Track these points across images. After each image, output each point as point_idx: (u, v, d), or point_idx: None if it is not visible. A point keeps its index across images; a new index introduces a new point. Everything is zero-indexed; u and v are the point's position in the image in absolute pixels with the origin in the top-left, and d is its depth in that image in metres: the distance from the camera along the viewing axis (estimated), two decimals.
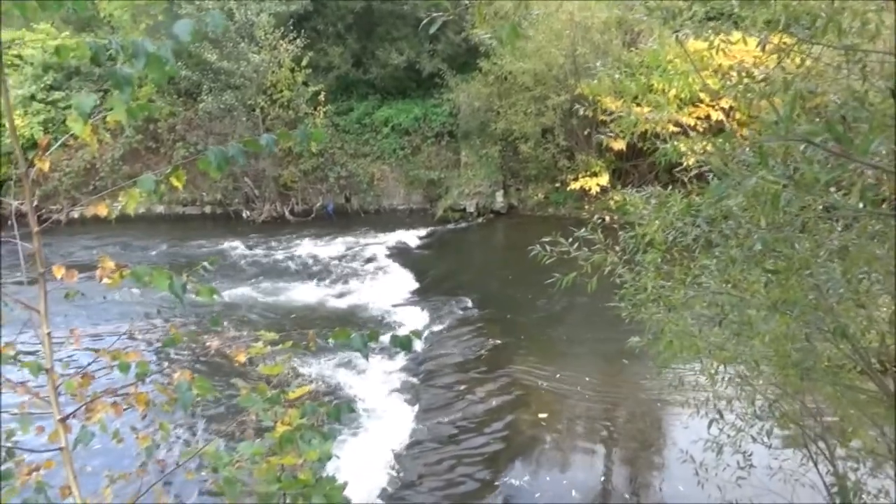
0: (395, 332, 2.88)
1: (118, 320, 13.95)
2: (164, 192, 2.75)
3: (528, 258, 5.76)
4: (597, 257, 5.23)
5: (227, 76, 21.39)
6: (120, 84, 2.36)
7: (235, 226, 21.90)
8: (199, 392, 2.67)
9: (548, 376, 11.21)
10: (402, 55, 22.84)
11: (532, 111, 20.77)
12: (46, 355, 2.74)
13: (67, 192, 21.70)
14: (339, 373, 11.32)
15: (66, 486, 2.92)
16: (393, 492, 8.29)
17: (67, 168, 21.95)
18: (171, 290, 2.61)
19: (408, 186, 23.13)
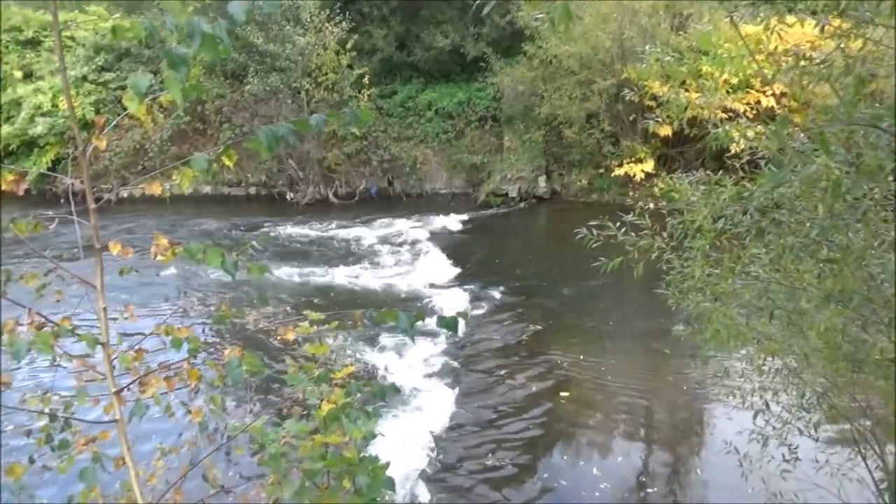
0: (440, 314, 2.88)
1: (170, 297, 14.25)
2: (216, 172, 2.79)
3: (571, 244, 5.72)
4: (644, 242, 5.15)
5: (273, 59, 21.57)
6: (175, 64, 2.38)
7: (280, 207, 22.15)
8: (248, 368, 2.71)
9: (589, 363, 11.15)
10: (447, 38, 22.74)
11: (577, 96, 20.55)
12: (102, 330, 2.80)
13: (117, 171, 22.17)
14: (379, 354, 11.40)
15: (120, 458, 3.00)
16: (432, 473, 8.34)
17: (118, 148, 22.40)
18: (223, 267, 2.65)
19: (450, 170, 23.11)
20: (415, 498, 7.75)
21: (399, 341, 11.77)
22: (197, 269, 15.07)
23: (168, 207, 19.59)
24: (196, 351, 2.78)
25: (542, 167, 22.12)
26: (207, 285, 14.73)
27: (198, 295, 14.29)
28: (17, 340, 2.33)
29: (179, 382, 2.90)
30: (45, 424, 3.08)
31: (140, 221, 19.12)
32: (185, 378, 2.85)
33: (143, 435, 6.03)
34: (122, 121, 2.91)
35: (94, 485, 2.76)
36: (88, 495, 3.15)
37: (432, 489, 8.03)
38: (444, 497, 8.00)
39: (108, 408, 2.96)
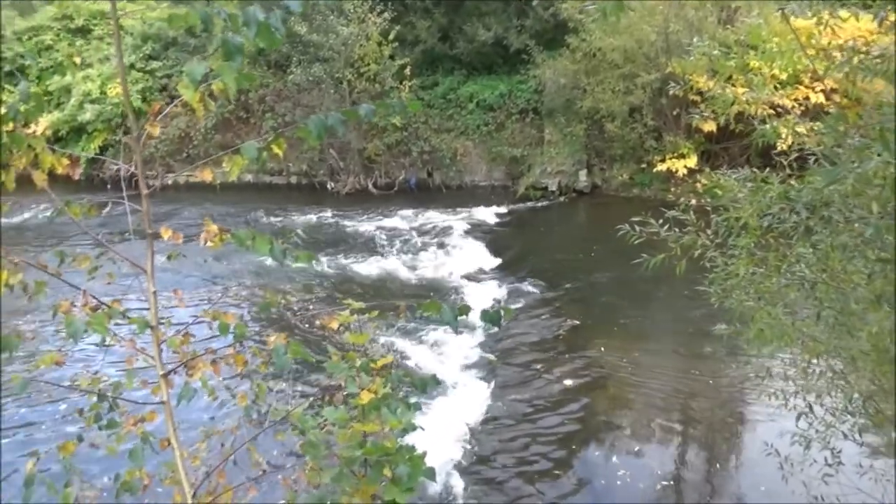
0: (483, 308, 2.88)
1: (216, 283, 14.48)
2: (265, 160, 2.82)
3: (611, 239, 5.67)
4: (688, 239, 5.09)
5: (316, 49, 21.71)
6: (231, 52, 2.41)
7: (320, 197, 22.31)
8: (293, 356, 2.74)
9: (627, 359, 11.07)
10: (490, 31, 22.64)
11: (620, 89, 20.30)
12: (152, 313, 2.86)
13: (163, 158, 22.54)
14: (415, 345, 11.44)
15: (166, 439, 3.07)
16: (467, 465, 8.37)
17: (163, 136, 22.76)
18: (272, 254, 2.68)
19: (490, 163, 23.04)
20: (449, 489, 7.79)
21: (435, 332, 11.82)
22: (242, 256, 15.28)
23: (211, 194, 19.78)
24: (242, 337, 2.82)
25: (583, 161, 21.92)
26: (252, 272, 14.92)
27: (242, 281, 14.50)
28: (74, 321, 2.39)
29: (225, 367, 2.95)
30: (94, 404, 3.16)
31: (183, 208, 19.41)
32: (230, 363, 2.90)
33: (186, 418, 6.18)
34: (153, 110, 2.95)
35: (141, 465, 2.83)
36: (134, 474, 3.22)
37: (467, 481, 8.06)
38: (477, 489, 8.02)
39: (155, 389, 3.02)
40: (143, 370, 3.03)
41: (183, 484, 2.92)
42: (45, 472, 3.02)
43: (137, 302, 4.79)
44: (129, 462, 3.30)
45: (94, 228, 3.11)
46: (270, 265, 15.04)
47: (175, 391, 2.97)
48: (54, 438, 8.45)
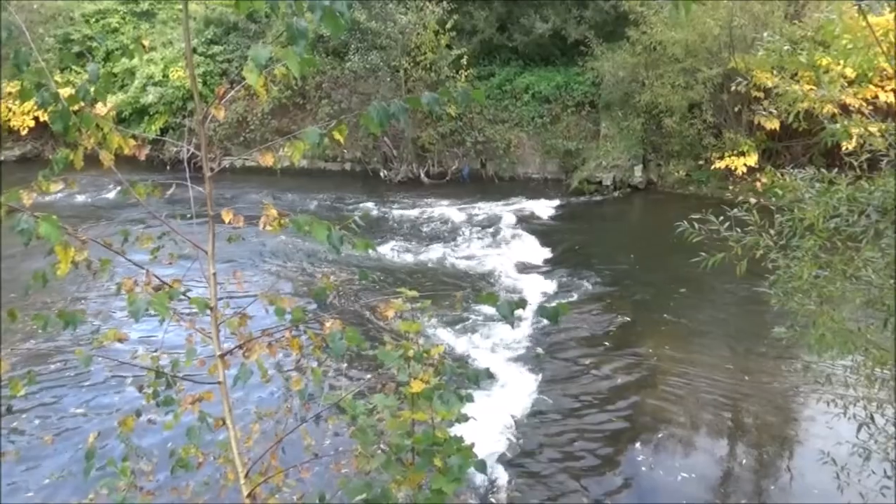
0: (541, 303, 2.84)
1: (273, 266, 14.71)
2: (327, 146, 2.82)
3: (666, 236, 5.58)
4: (750, 239, 4.95)
5: (374, 36, 21.78)
6: (296, 37, 2.42)
7: (373, 184, 22.43)
8: (349, 342, 2.75)
9: (678, 359, 10.88)
10: (548, 22, 22.39)
11: (680, 84, 19.89)
12: (211, 294, 2.90)
13: (220, 141, 22.93)
14: (463, 336, 11.43)
15: (221, 418, 3.11)
16: (512, 458, 8.35)
17: (222, 120, 23.07)
18: (329, 241, 2.69)
19: (544, 155, 22.82)
20: (493, 481, 7.77)
21: (482, 323, 11.80)
22: (299, 241, 15.49)
23: (265, 178, 20.12)
24: (299, 321, 2.84)
25: (639, 156, 21.54)
26: (307, 257, 15.10)
27: (298, 266, 14.70)
28: (136, 300, 2.44)
29: (280, 350, 2.97)
30: (152, 381, 3.22)
31: (237, 191, 19.70)
32: (286, 347, 2.92)
33: (239, 398, 6.29)
34: (219, 93, 2.99)
35: (198, 443, 2.87)
36: (189, 452, 3.28)
37: (511, 473, 8.04)
38: (521, 482, 8.00)
39: (212, 369, 3.07)
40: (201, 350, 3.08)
41: (236, 463, 2.96)
42: (104, 447, 3.09)
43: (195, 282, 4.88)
44: (183, 439, 3.37)
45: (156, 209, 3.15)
46: (325, 251, 15.21)
47: (230, 372, 3.01)
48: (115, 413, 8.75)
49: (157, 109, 24.08)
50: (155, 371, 3.21)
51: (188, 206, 3.43)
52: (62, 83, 15.95)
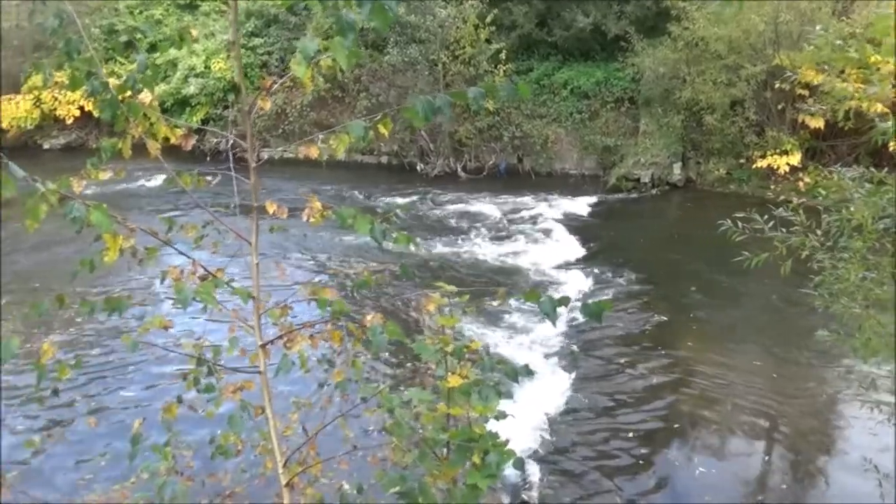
0: (585, 301, 2.81)
1: (313, 258, 14.83)
2: (371, 140, 2.82)
3: (705, 235, 5.51)
4: (796, 239, 4.86)
5: (414, 30, 21.79)
6: (344, 30, 2.41)
7: (409, 178, 22.46)
8: (389, 336, 2.74)
9: (715, 360, 10.73)
10: (588, 16, 22.19)
11: (722, 81, 19.58)
12: (254, 284, 2.92)
13: (259, 133, 23.14)
14: (497, 331, 11.42)
15: (260, 407, 3.14)
16: (545, 455, 8.31)
17: (261, 112, 23.29)
18: (372, 234, 2.69)
19: (582, 151, 22.65)
20: (526, 478, 7.74)
21: (517, 319, 11.77)
22: (339, 233, 15.60)
23: (302, 170, 20.21)
24: (340, 313, 2.85)
25: (679, 154, 21.24)
26: (344, 249, 15.20)
27: (336, 258, 14.80)
28: (184, 288, 2.46)
29: (321, 342, 2.99)
30: (194, 368, 3.26)
31: (275, 182, 19.86)
32: (327, 338, 2.93)
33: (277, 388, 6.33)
34: (266, 85, 3.00)
35: (240, 430, 2.90)
36: (229, 439, 3.32)
37: (544, 471, 8.01)
38: (554, 480, 7.96)
39: (253, 358, 3.09)
40: (243, 339, 3.10)
41: (275, 452, 2.98)
42: (146, 432, 3.14)
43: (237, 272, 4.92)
44: (222, 427, 3.41)
45: (198, 200, 3.18)
46: (360, 243, 15.30)
47: (269, 362, 3.03)
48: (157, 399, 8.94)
49: (199, 100, 24.40)
50: (197, 359, 3.24)
51: (229, 196, 3.46)
52: (107, 73, 16.17)
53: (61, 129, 25.48)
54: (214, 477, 3.66)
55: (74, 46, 2.89)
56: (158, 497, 3.16)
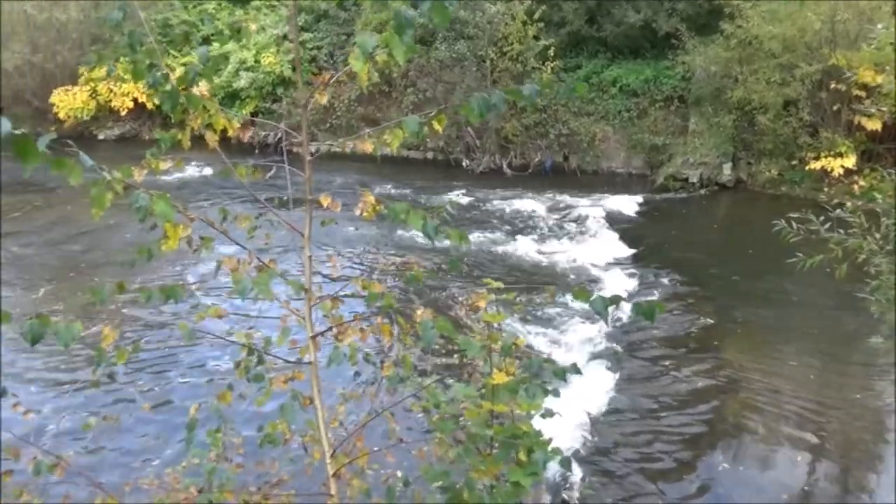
0: (635, 301, 2.79)
1: (364, 251, 14.96)
2: (426, 135, 2.84)
3: (755, 237, 5.43)
4: (854, 242, 4.74)
5: (462, 25, 21.80)
6: (402, 26, 2.43)
7: (454, 174, 22.48)
8: (439, 331, 2.76)
9: (762, 364, 10.54)
10: (639, 13, 21.91)
11: (776, 80, 19.18)
12: (306, 276, 2.96)
13: (308, 127, 23.30)
14: (540, 330, 11.36)
15: (309, 397, 3.18)
16: (586, 455, 8.26)
17: (316, 105, 23.53)
18: (424, 230, 2.70)
19: (629, 150, 22.40)
20: (566, 477, 7.70)
21: (560, 318, 11.71)
22: (387, 228, 15.72)
23: (348, 164, 20.37)
24: (390, 307, 2.87)
25: (729, 154, 20.87)
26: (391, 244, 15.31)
27: (386, 253, 14.90)
28: (241, 279, 2.51)
29: (371, 336, 3.02)
30: (245, 358, 3.32)
31: (322, 176, 20.07)
32: (377, 332, 2.96)
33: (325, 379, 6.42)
34: (323, 79, 3.03)
35: (291, 420, 2.95)
36: (277, 428, 3.37)
37: (585, 471, 7.96)
38: (595, 480, 7.90)
39: (303, 350, 3.13)
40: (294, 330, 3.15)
41: (323, 443, 3.02)
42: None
43: (288, 265, 4.99)
44: (270, 416, 3.46)
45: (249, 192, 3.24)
46: (405, 238, 15.39)
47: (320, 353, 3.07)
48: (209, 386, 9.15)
49: (249, 94, 24.77)
50: (248, 348, 3.30)
51: (275, 189, 3.52)
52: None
53: (116, 121, 26.11)
54: (262, 465, 3.73)
55: (137, 39, 2.96)
56: (208, 482, 3.23)
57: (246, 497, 3.17)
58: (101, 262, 14.60)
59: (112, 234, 15.82)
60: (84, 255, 15.08)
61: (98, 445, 7.99)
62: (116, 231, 15.75)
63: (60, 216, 17.53)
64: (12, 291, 12.82)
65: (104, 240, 15.77)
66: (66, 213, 17.69)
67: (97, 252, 15.20)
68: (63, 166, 2.13)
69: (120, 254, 14.46)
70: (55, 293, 12.89)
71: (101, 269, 14.13)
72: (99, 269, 14.17)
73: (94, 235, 15.99)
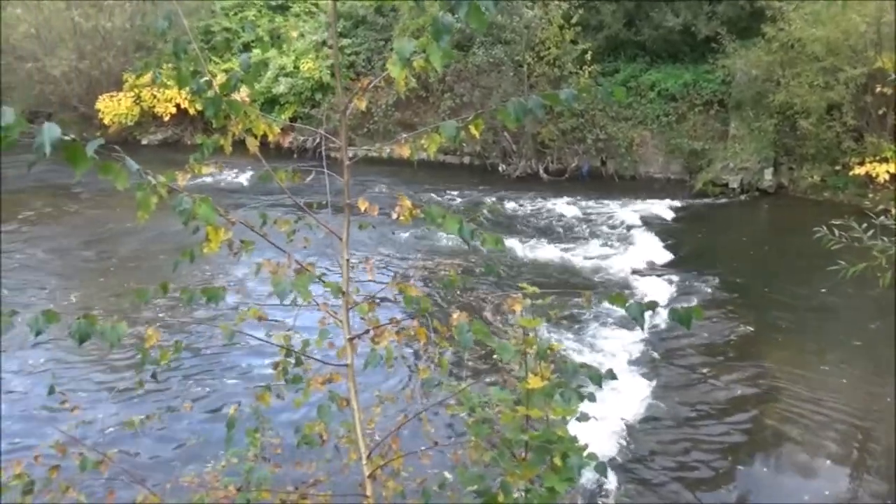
0: (673, 307, 2.78)
1: (399, 255, 15.06)
2: (463, 140, 2.86)
3: (797, 243, 5.35)
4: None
5: (499, 30, 21.80)
6: (440, 31, 2.45)
7: (490, 178, 22.45)
8: (475, 335, 2.77)
9: (803, 374, 10.34)
10: (678, 17, 21.69)
11: (819, 84, 18.81)
12: (344, 279, 3.00)
13: (346, 132, 23.48)
14: (575, 335, 11.30)
15: (345, 399, 3.22)
16: (622, 462, 8.19)
17: (355, 111, 23.68)
18: (461, 235, 2.72)
19: (667, 155, 22.15)
20: (601, 484, 7.64)
21: (595, 323, 11.64)
22: (423, 231, 15.79)
23: (385, 169, 20.43)
24: (426, 311, 2.90)
25: (770, 159, 20.50)
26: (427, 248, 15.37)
27: (421, 256, 14.98)
28: (281, 281, 2.56)
29: (407, 338, 3.04)
30: (283, 360, 3.37)
31: (358, 180, 20.17)
32: (413, 335, 2.98)
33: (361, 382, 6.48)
34: (362, 84, 3.07)
35: (329, 421, 2.99)
36: (313, 429, 3.42)
37: (621, 478, 7.90)
38: (631, 488, 7.83)
39: (340, 352, 3.18)
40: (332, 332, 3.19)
41: (359, 444, 3.05)
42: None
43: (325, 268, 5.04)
44: (307, 417, 3.51)
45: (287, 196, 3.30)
46: (440, 242, 15.43)
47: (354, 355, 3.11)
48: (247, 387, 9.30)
49: (287, 99, 25.03)
50: (286, 349, 3.35)
51: (311, 194, 3.57)
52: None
53: (158, 126, 26.61)
54: (299, 465, 3.78)
55: (181, 46, 3.03)
56: (246, 481, 3.28)
57: (283, 496, 3.22)
58: (128, 266, 14.87)
59: (135, 237, 16.13)
60: (111, 258, 15.37)
61: (140, 443, 8.16)
62: (140, 233, 16.09)
63: (86, 219, 17.95)
64: (44, 294, 13.13)
65: (129, 243, 16.07)
66: (91, 215, 18.14)
67: (123, 255, 15.48)
68: (110, 171, 2.20)
69: (147, 257, 14.80)
70: (87, 296, 13.16)
71: (130, 272, 14.41)
72: (127, 272, 14.43)
73: (118, 239, 16.33)
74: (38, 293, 13.02)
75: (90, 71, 26.50)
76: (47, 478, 3.12)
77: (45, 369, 10.08)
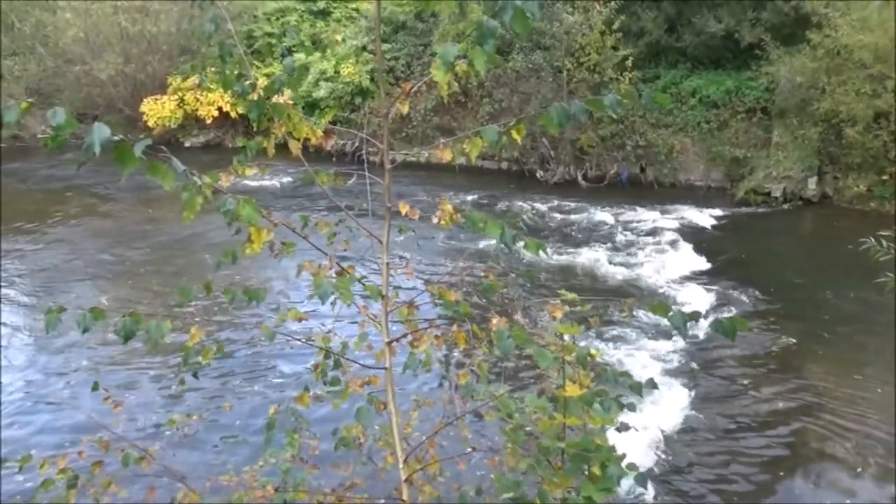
0: (716, 317, 2.73)
1: (438, 259, 15.09)
2: (504, 144, 2.85)
3: (841, 254, 5.23)
4: None
5: (539, 36, 21.73)
6: (485, 36, 2.45)
7: (528, 184, 22.36)
8: (515, 340, 2.76)
9: (846, 387, 10.10)
10: (721, 23, 21.39)
11: (866, 91, 18.40)
12: (383, 282, 3.01)
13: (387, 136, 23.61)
14: (613, 344, 11.20)
15: (383, 402, 3.22)
16: (660, 473, 8.08)
17: (397, 115, 23.82)
18: (501, 240, 2.71)
19: (708, 162, 21.84)
20: (638, 495, 7.53)
21: (634, 333, 11.51)
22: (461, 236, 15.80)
23: (423, 173, 20.49)
24: (466, 315, 2.89)
25: (814, 167, 20.09)
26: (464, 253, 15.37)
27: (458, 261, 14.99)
28: (323, 283, 2.57)
29: (445, 343, 3.03)
30: (321, 361, 3.39)
31: (397, 185, 20.27)
32: (452, 340, 2.98)
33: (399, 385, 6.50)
34: (405, 89, 3.07)
35: (367, 423, 2.99)
36: (351, 431, 3.43)
37: (658, 489, 7.79)
38: (668, 500, 7.73)
39: (379, 355, 3.18)
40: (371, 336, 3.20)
41: (396, 448, 3.05)
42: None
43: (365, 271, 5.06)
44: (344, 419, 3.52)
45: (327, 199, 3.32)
46: (479, 247, 15.41)
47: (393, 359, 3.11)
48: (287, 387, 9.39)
49: (328, 104, 25.26)
50: (325, 351, 3.37)
51: (352, 197, 3.58)
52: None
53: (201, 129, 27.03)
54: (337, 467, 3.79)
55: (227, 50, 3.08)
56: (283, 481, 3.30)
57: (320, 498, 3.23)
58: (159, 267, 15.06)
59: (161, 237, 16.38)
60: (141, 259, 15.57)
61: (181, 441, 8.28)
62: (165, 234, 16.33)
63: (112, 221, 18.25)
64: (80, 292, 13.38)
65: (158, 244, 16.29)
66: (117, 216, 18.45)
67: (153, 256, 15.68)
68: (157, 171, 2.23)
69: (177, 258, 15.00)
70: (120, 297, 13.36)
71: (160, 274, 14.60)
72: (158, 274, 14.63)
73: (147, 239, 16.55)
74: (64, 295, 13.21)
75: (136, 74, 27.05)
76: (90, 473, 3.18)
77: (92, 368, 10.28)
